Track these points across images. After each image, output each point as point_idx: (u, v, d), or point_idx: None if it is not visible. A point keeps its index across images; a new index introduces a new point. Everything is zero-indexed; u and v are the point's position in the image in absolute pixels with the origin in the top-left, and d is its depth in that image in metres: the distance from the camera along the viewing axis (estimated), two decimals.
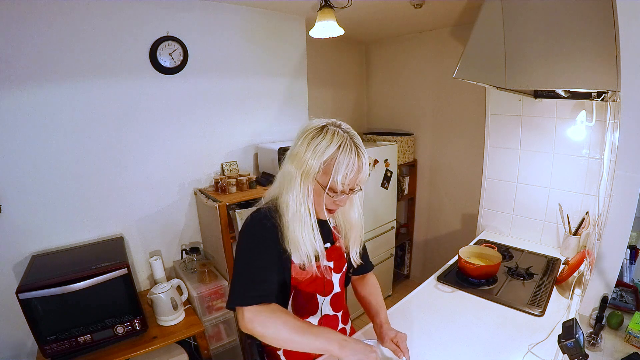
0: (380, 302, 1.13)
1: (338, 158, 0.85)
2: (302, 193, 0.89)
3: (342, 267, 1.09)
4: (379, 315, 1.08)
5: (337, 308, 1.10)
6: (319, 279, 1.01)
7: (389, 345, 0.98)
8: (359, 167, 0.88)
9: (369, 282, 1.19)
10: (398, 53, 3.04)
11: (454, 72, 1.27)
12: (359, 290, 1.19)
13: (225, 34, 2.02)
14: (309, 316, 1.04)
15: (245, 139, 2.23)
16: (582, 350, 0.86)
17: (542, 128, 1.80)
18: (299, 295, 1.00)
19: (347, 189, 0.89)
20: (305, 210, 0.90)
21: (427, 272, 3.15)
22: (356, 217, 1.04)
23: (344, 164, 0.85)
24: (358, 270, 1.19)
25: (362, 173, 0.89)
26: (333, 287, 1.07)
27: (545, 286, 1.46)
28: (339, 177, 0.85)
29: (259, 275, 0.89)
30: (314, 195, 0.90)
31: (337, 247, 1.07)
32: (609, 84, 1.12)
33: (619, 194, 1.11)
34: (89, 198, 1.72)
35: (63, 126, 1.60)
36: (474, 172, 2.63)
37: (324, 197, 0.89)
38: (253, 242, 0.92)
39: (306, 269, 0.96)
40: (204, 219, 2.06)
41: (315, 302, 1.03)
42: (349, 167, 0.85)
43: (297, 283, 0.98)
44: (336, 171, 0.85)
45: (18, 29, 1.43)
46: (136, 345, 1.51)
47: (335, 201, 0.92)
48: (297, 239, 0.90)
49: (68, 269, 1.41)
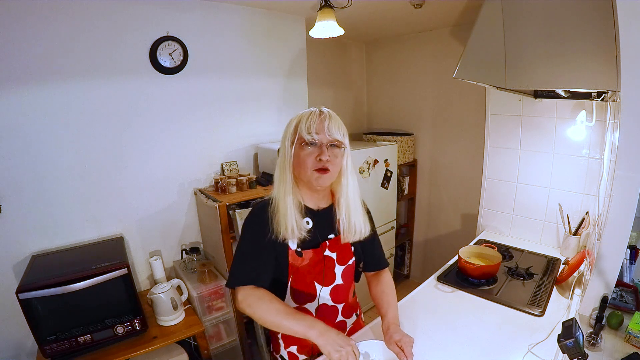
0: (390, 301, 1.12)
1: (302, 116, 0.99)
2: (285, 159, 1.00)
3: (347, 260, 1.10)
4: (387, 315, 1.07)
5: (337, 300, 1.11)
6: (318, 268, 1.05)
7: (393, 347, 0.97)
8: (320, 115, 0.97)
9: (382, 280, 1.19)
10: (398, 53, 3.04)
11: (454, 72, 1.27)
12: (372, 288, 1.20)
13: (225, 34, 2.02)
14: (306, 303, 1.07)
15: (245, 139, 2.24)
16: (581, 350, 0.86)
17: (542, 128, 1.80)
18: (297, 280, 1.04)
19: (321, 139, 0.96)
20: (289, 175, 0.99)
21: (427, 272, 3.15)
22: (348, 196, 1.05)
23: (305, 115, 0.98)
24: (370, 265, 1.21)
25: (327, 121, 0.97)
26: (334, 278, 1.08)
27: (545, 286, 1.46)
28: (303, 125, 0.96)
29: (251, 261, 0.99)
30: (295, 160, 0.99)
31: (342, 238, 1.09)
32: (609, 84, 1.12)
33: (619, 194, 1.11)
34: (89, 198, 1.72)
35: (63, 126, 1.60)
36: (474, 172, 2.63)
37: (301, 152, 0.97)
38: (249, 230, 1.03)
39: (302, 256, 1.02)
40: (204, 219, 2.06)
41: (313, 289, 1.06)
42: (310, 118, 0.97)
43: (295, 270, 1.03)
44: (301, 123, 0.98)
45: (18, 29, 1.43)
46: (136, 345, 1.51)
47: (316, 157, 0.96)
48: (279, 206, 0.98)
49: (68, 269, 1.41)
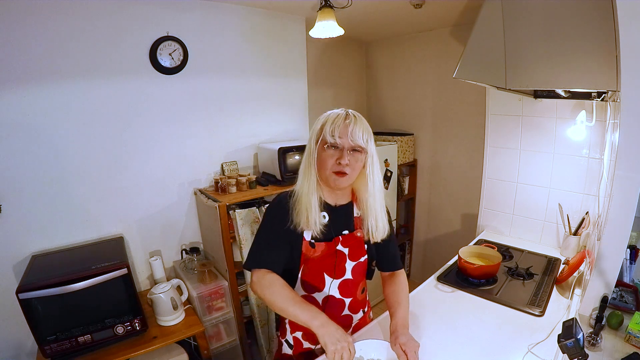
0: (400, 301, 1.11)
1: (329, 117, 1.02)
2: (311, 156, 1.04)
3: (358, 256, 1.12)
4: (396, 314, 1.07)
5: (346, 294, 1.13)
6: (329, 260, 1.08)
7: (397, 350, 0.96)
8: (345, 119, 0.99)
9: (396, 281, 1.19)
10: (398, 53, 3.04)
11: (454, 72, 1.27)
12: (386, 288, 1.20)
13: (225, 34, 2.02)
14: (315, 292, 1.11)
15: (245, 139, 2.24)
16: (582, 350, 0.86)
17: (542, 128, 1.80)
18: (308, 271, 1.09)
19: (344, 143, 0.99)
20: (313, 171, 1.03)
21: (427, 272, 3.14)
22: (370, 200, 1.07)
23: (331, 118, 1.01)
24: (384, 265, 1.22)
25: (352, 126, 0.99)
26: (344, 272, 1.11)
27: (545, 286, 1.46)
28: (328, 127, 0.99)
29: (268, 246, 1.06)
30: (318, 159, 1.03)
31: (357, 236, 1.11)
32: (609, 84, 1.12)
33: (619, 194, 1.11)
34: (89, 198, 1.72)
35: (63, 126, 1.60)
36: (474, 172, 2.63)
37: (323, 153, 1.01)
38: (271, 217, 1.09)
39: (315, 247, 1.06)
40: (204, 219, 2.06)
41: (322, 280, 1.10)
42: (335, 121, 0.99)
43: (307, 260, 1.07)
44: (326, 125, 1.00)
45: (18, 29, 1.43)
46: (136, 345, 1.51)
47: (336, 160, 0.99)
48: (301, 199, 1.02)
49: (68, 269, 1.41)
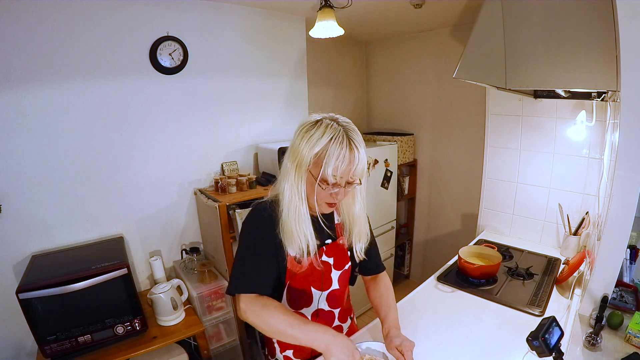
0: (390, 304, 1.10)
1: (329, 150, 0.85)
2: (296, 184, 0.90)
3: (343, 265, 1.08)
4: (387, 318, 1.05)
5: (334, 305, 1.10)
6: (316, 273, 1.02)
7: (394, 352, 0.95)
8: (350, 159, 0.86)
9: (380, 284, 1.16)
10: (398, 53, 3.04)
11: (454, 72, 1.27)
12: (370, 292, 1.17)
13: (225, 34, 2.02)
14: (303, 308, 1.05)
15: (245, 139, 2.23)
16: (551, 350, 0.83)
17: (542, 128, 1.80)
18: (293, 287, 1.01)
19: (342, 181, 0.89)
20: (300, 201, 0.91)
21: (427, 272, 3.14)
22: (357, 212, 1.03)
23: (334, 155, 0.84)
24: (367, 270, 1.18)
25: (355, 165, 0.87)
26: (331, 283, 1.06)
27: (545, 286, 1.46)
28: (330, 168, 0.85)
29: (253, 267, 0.93)
30: (307, 187, 0.91)
31: (339, 244, 1.06)
32: (609, 84, 1.12)
33: (619, 194, 1.11)
34: (89, 198, 1.72)
35: (63, 126, 1.60)
36: (474, 172, 2.63)
37: (316, 188, 0.89)
38: (250, 234, 0.97)
39: (302, 263, 0.97)
40: (204, 219, 2.06)
41: (309, 295, 1.04)
42: (339, 160, 0.85)
43: (292, 275, 0.99)
44: (327, 163, 0.85)
45: (18, 28, 1.43)
46: (136, 345, 1.51)
47: (331, 194, 0.91)
48: (291, 230, 0.92)
49: (68, 269, 1.41)
